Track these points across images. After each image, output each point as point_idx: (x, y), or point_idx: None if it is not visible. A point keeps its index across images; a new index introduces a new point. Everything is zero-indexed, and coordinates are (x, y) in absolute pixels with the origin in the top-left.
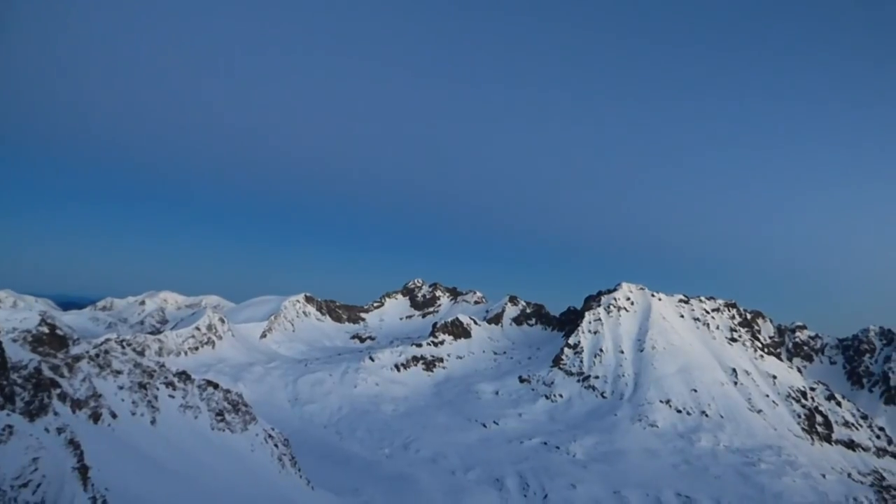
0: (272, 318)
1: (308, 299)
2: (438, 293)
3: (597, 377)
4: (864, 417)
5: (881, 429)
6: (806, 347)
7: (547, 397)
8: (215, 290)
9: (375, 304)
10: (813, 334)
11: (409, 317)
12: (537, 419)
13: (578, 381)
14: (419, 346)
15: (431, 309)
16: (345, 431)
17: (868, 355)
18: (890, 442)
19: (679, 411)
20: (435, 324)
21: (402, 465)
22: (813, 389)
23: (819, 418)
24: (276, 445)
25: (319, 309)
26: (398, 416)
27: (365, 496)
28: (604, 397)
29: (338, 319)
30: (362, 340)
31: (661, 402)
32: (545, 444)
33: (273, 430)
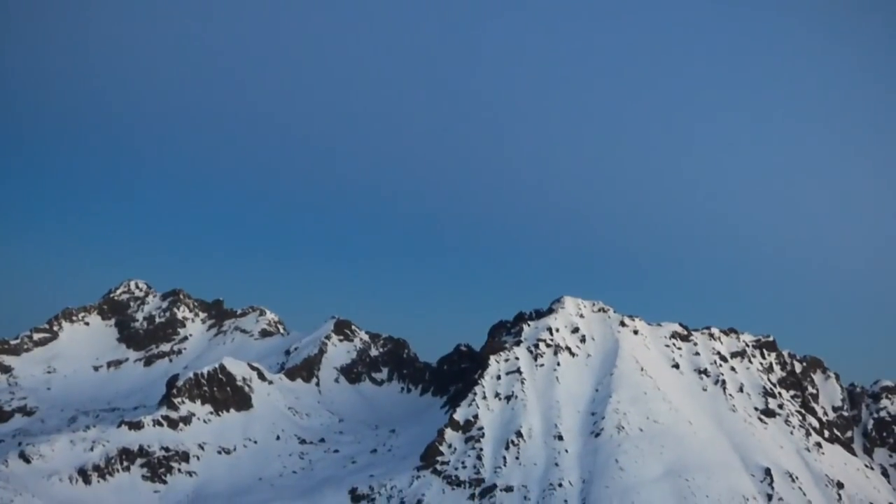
0: None
1: None
2: (183, 312)
3: (509, 489)
4: None
5: None
6: None
7: None
8: None
9: (38, 336)
10: None
11: (116, 363)
12: None
13: (472, 496)
14: (137, 426)
15: (167, 347)
16: None
17: None
18: None
19: None
20: (173, 378)
21: None
22: None
23: None
24: None
25: None
26: None
27: None
28: None
29: None
30: (4, 417)
31: None
32: None
33: None
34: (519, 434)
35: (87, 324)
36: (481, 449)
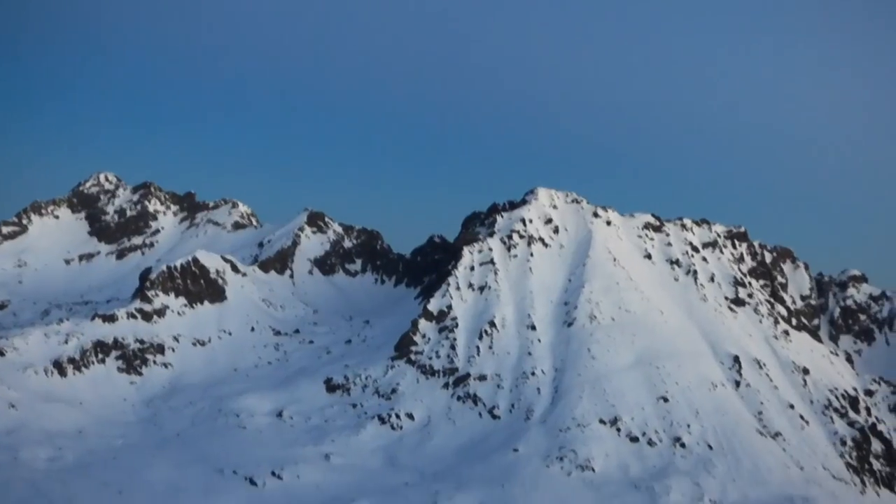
0: None
1: None
2: (155, 205)
3: (482, 378)
4: None
5: None
6: (864, 316)
7: (383, 420)
8: None
9: (7, 230)
10: (877, 292)
11: (88, 256)
12: (364, 464)
13: (446, 385)
14: (111, 319)
15: (139, 240)
16: None
17: None
18: None
19: (635, 439)
20: (146, 271)
21: None
22: (870, 394)
23: (877, 445)
24: None
25: None
26: (64, 471)
27: None
28: (495, 416)
29: None
30: None
31: (602, 422)
32: None
33: None
34: (492, 324)
35: (56, 217)
36: (455, 339)
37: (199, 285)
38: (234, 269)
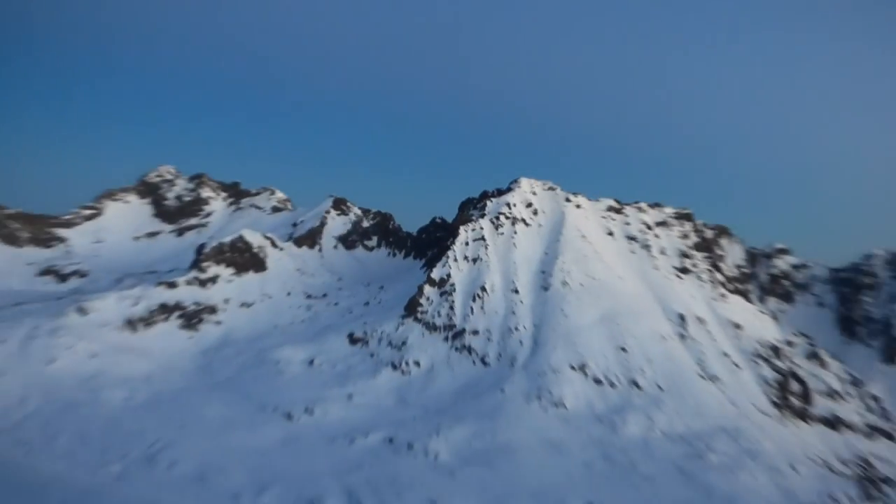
0: None
1: None
2: (206, 193)
3: (475, 332)
4: (856, 384)
5: (876, 398)
6: (786, 282)
7: (395, 367)
8: None
9: (87, 213)
10: (798, 262)
11: (153, 234)
12: (379, 403)
13: (446, 339)
14: (172, 285)
15: (194, 221)
16: (36, 439)
17: (869, 293)
18: (885, 417)
19: (599, 382)
20: (201, 247)
21: (145, 488)
22: (791, 344)
23: (795, 386)
24: None
25: None
26: (135, 408)
27: None
28: (485, 364)
29: (9, 240)
30: (62, 279)
31: (572, 368)
32: (390, 441)
33: None
34: (483, 289)
35: (126, 202)
36: (453, 301)
37: (244, 258)
38: (273, 244)
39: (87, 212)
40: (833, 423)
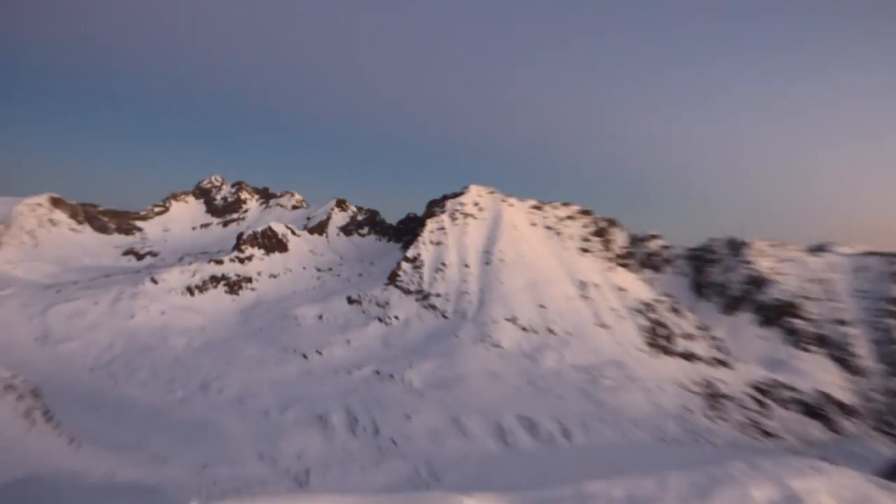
0: None
1: (56, 202)
2: (244, 195)
3: (438, 295)
4: (704, 329)
5: (718, 339)
6: (656, 258)
7: (381, 320)
8: None
9: (157, 210)
10: (665, 244)
11: (205, 225)
12: (369, 345)
13: (417, 299)
14: (219, 262)
15: (235, 216)
16: (121, 374)
17: (714, 265)
18: (724, 352)
19: (525, 329)
20: (240, 234)
21: (201, 409)
22: (659, 302)
23: (662, 331)
24: (20, 397)
25: (74, 216)
26: (193, 351)
27: (152, 449)
28: (445, 317)
29: (102, 230)
30: (140, 257)
31: (506, 320)
32: (377, 373)
33: (15, 377)
34: (444, 264)
35: (186, 202)
36: (422, 273)
37: (272, 242)
38: (293, 233)
39: (158, 209)
40: (688, 356)
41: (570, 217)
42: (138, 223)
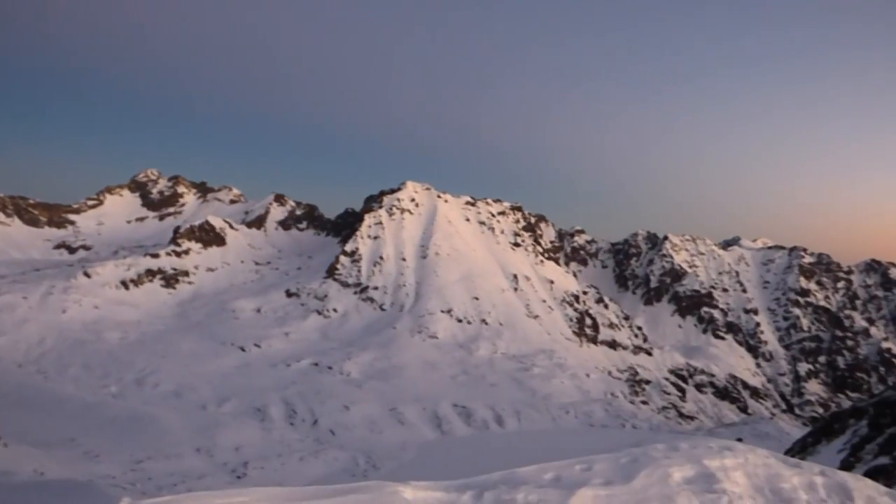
0: None
1: None
2: (181, 189)
3: (376, 288)
4: (626, 318)
5: (639, 328)
6: (582, 252)
7: (319, 313)
8: None
9: (91, 203)
10: (590, 239)
11: (141, 219)
12: (308, 338)
13: (356, 292)
14: (155, 256)
15: (172, 209)
16: (51, 369)
17: (635, 259)
18: (645, 340)
19: (460, 321)
20: (177, 228)
21: (136, 403)
22: (585, 293)
23: (588, 321)
24: None
25: (3, 208)
26: (128, 345)
27: (85, 446)
28: (383, 310)
29: (33, 223)
30: (72, 251)
31: (442, 311)
32: (316, 365)
33: None
34: (381, 258)
35: (121, 196)
36: (361, 266)
37: (209, 236)
38: (231, 227)
39: (92, 202)
40: (612, 344)
41: (502, 213)
42: (71, 216)
